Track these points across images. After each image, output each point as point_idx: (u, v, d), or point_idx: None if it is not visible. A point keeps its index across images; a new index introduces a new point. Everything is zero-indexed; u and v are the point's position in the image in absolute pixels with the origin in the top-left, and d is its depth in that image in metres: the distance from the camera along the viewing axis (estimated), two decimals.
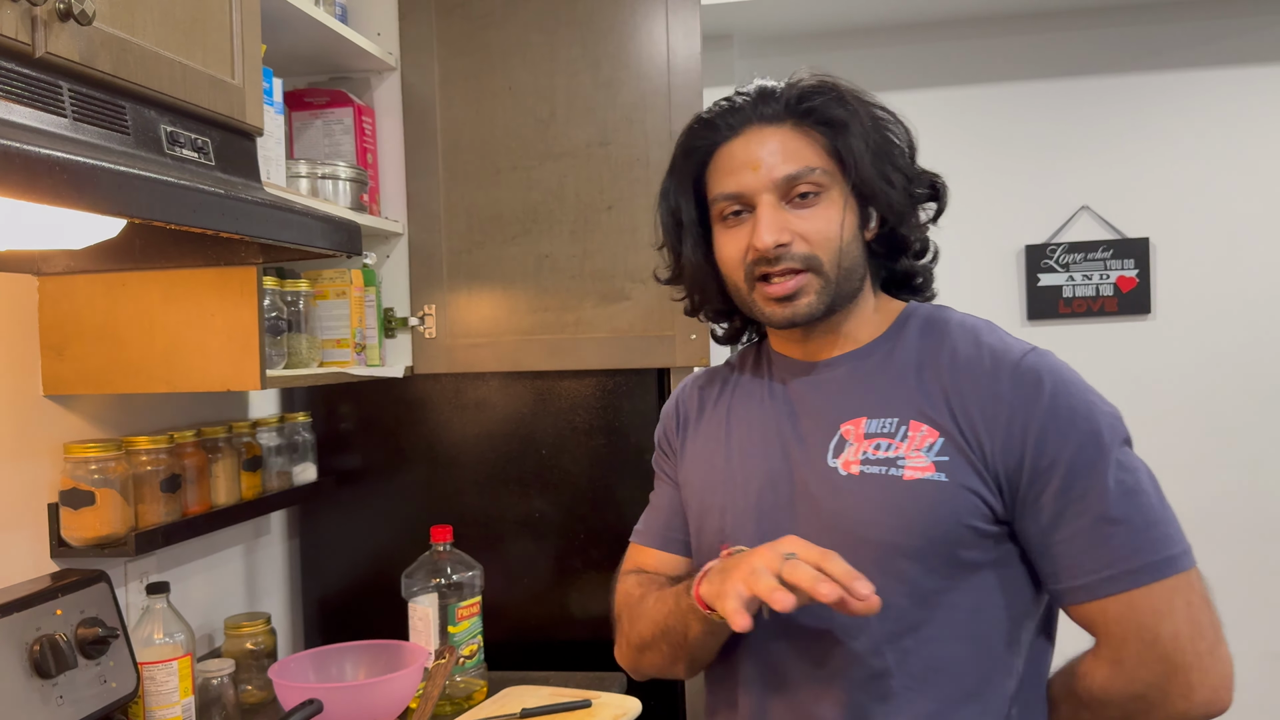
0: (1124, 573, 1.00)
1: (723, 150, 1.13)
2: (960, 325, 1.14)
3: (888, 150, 1.12)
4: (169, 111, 1.15)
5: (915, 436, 1.05)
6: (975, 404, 1.04)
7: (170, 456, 1.63)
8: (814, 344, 1.17)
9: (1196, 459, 2.96)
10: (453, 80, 2.06)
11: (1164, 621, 1.00)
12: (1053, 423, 1.02)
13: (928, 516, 1.03)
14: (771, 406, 1.17)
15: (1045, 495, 1.02)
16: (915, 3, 2.90)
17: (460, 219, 2.06)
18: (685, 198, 1.17)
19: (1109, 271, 2.98)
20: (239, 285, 1.48)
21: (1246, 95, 2.93)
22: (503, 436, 2.08)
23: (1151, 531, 1.01)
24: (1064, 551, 1.02)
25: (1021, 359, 1.06)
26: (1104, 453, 1.02)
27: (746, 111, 1.12)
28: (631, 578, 1.26)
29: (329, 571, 2.15)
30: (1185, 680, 1.00)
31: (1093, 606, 1.02)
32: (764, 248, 1.07)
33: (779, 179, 1.08)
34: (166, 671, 1.56)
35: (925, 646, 1.04)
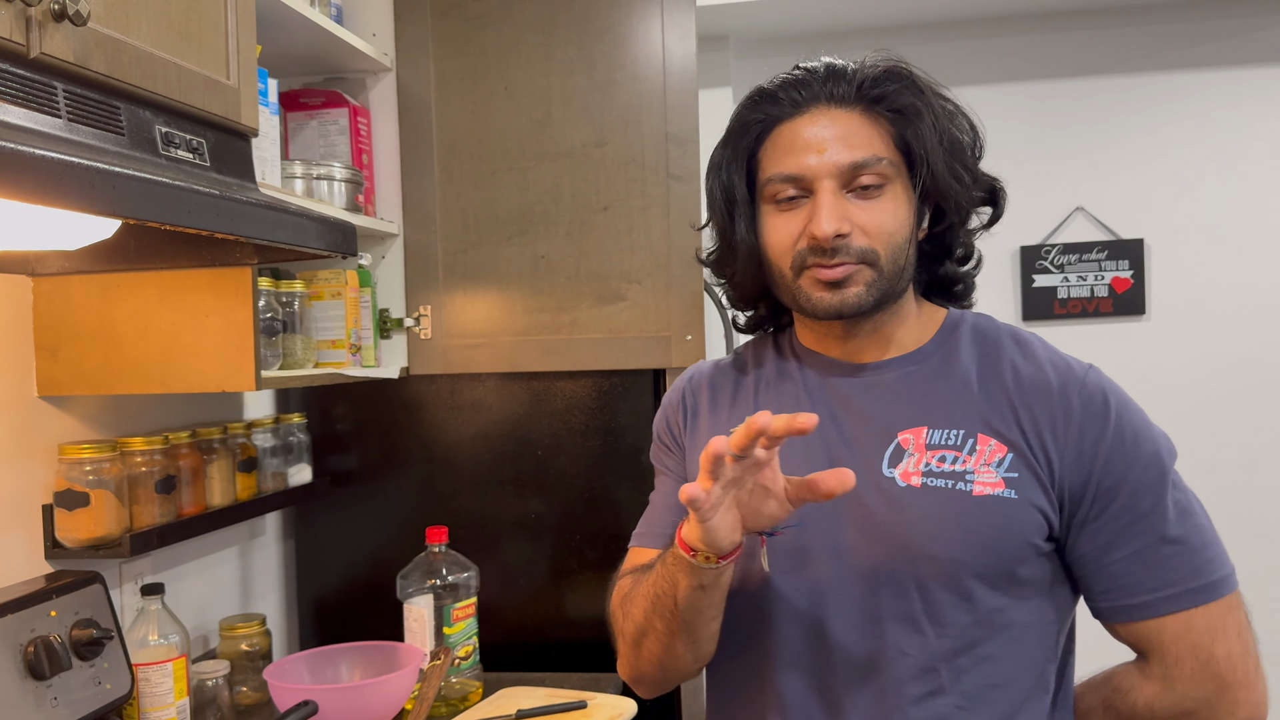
0: (1185, 592, 1.00)
1: (784, 127, 1.06)
2: (1013, 337, 1.10)
3: (958, 146, 1.07)
4: (164, 112, 1.15)
5: (984, 450, 1.02)
6: (1046, 420, 1.02)
7: (165, 457, 1.63)
8: (855, 344, 1.10)
9: (1191, 460, 2.95)
10: (448, 81, 2.06)
11: (1219, 640, 1.00)
12: (1119, 444, 1.01)
13: (997, 534, 1.00)
14: (810, 407, 1.09)
15: (1107, 514, 1.01)
16: (909, 4, 2.90)
17: (456, 220, 2.06)
18: (738, 173, 1.09)
19: (1104, 272, 2.98)
20: (234, 286, 1.47)
21: (1241, 97, 2.94)
22: (498, 437, 2.08)
23: (1208, 551, 1.02)
24: (1122, 570, 1.01)
25: (1086, 376, 1.04)
26: (1164, 474, 1.02)
27: (814, 88, 1.05)
28: (627, 577, 1.18)
29: (324, 573, 2.15)
30: (1234, 698, 1.01)
31: (1150, 624, 1.01)
32: (823, 236, 1.00)
33: (844, 166, 1.02)
34: (161, 673, 1.56)
35: (981, 666, 1.01)
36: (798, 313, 1.12)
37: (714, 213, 1.12)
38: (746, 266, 1.11)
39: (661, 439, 1.24)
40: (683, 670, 1.11)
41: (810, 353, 1.14)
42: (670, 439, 1.23)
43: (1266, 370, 2.94)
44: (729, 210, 1.10)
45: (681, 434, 1.21)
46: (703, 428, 1.18)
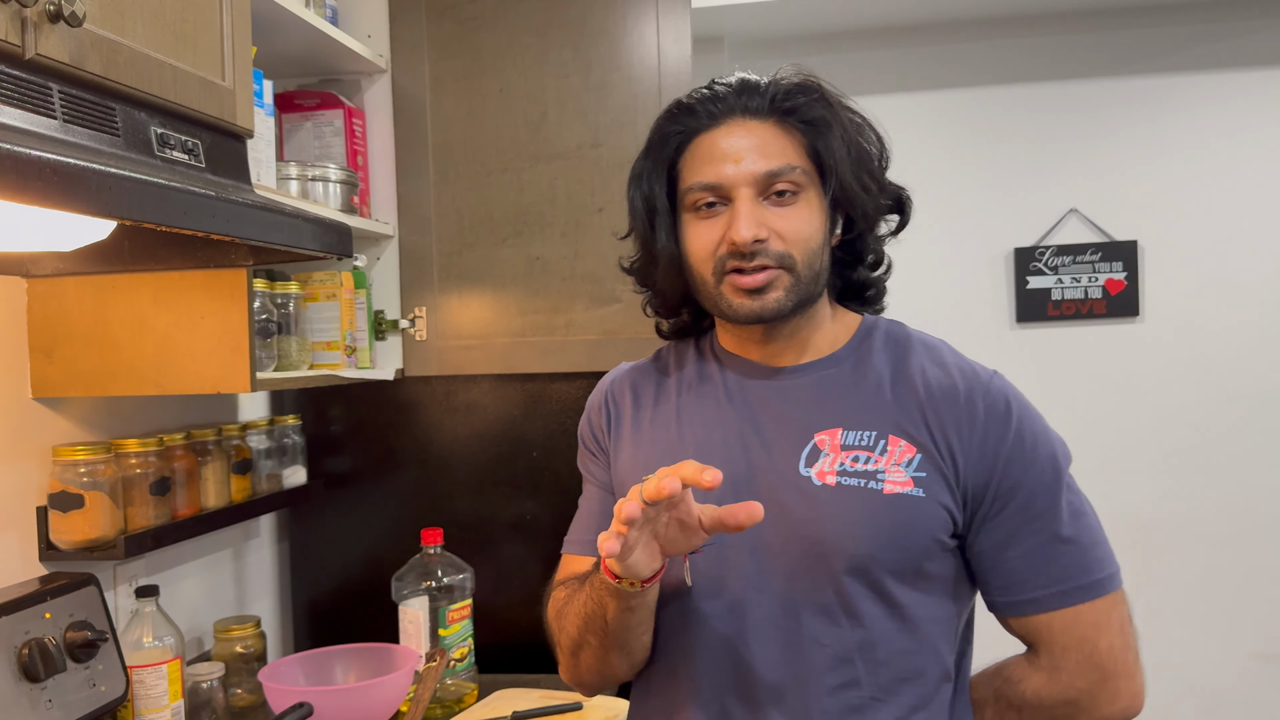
0: (1074, 589, 1.06)
1: (702, 139, 1.10)
2: (923, 343, 1.16)
3: (865, 157, 1.12)
4: (159, 113, 1.15)
5: (894, 451, 1.07)
6: (952, 423, 1.07)
7: (160, 459, 1.62)
8: (774, 348, 1.15)
9: (1184, 461, 2.98)
10: (443, 82, 2.06)
11: (1102, 634, 1.07)
12: (1019, 447, 1.07)
13: (906, 531, 1.05)
14: (730, 409, 1.14)
15: (1005, 513, 1.07)
16: (905, 6, 2.90)
17: (451, 221, 2.06)
18: (659, 183, 1.13)
19: (1097, 274, 2.99)
20: (229, 287, 1.47)
21: (1234, 99, 2.95)
22: (494, 438, 2.08)
23: (1096, 551, 1.08)
24: (1017, 566, 1.07)
25: (990, 383, 1.10)
26: (1059, 477, 1.08)
27: (730, 101, 1.10)
28: (561, 588, 1.22)
29: (319, 574, 2.15)
30: (1114, 688, 1.07)
31: (1039, 619, 1.08)
32: (742, 241, 1.05)
33: (760, 174, 1.07)
34: (156, 675, 1.56)
35: (894, 659, 1.06)
36: (719, 318, 1.17)
37: (636, 222, 1.17)
38: (668, 274, 1.15)
39: (586, 444, 1.28)
40: (620, 676, 1.17)
41: (730, 355, 1.18)
42: (595, 444, 1.26)
43: (1259, 372, 2.95)
44: (650, 220, 1.15)
45: (605, 439, 1.24)
46: (626, 431, 1.21)
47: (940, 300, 3.05)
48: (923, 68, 3.08)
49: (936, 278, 3.06)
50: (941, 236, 3.05)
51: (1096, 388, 3.01)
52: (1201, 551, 2.97)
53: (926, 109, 3.08)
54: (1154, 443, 2.99)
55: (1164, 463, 2.99)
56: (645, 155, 1.16)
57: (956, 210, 3.06)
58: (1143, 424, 2.99)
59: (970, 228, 3.06)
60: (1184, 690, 2.94)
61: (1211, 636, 2.95)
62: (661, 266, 1.15)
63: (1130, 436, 3.00)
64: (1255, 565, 2.95)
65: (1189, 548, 2.97)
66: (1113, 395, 3.00)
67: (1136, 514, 2.97)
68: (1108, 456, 2.99)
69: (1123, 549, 1.13)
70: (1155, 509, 2.98)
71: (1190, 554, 2.97)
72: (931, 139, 3.06)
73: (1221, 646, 2.95)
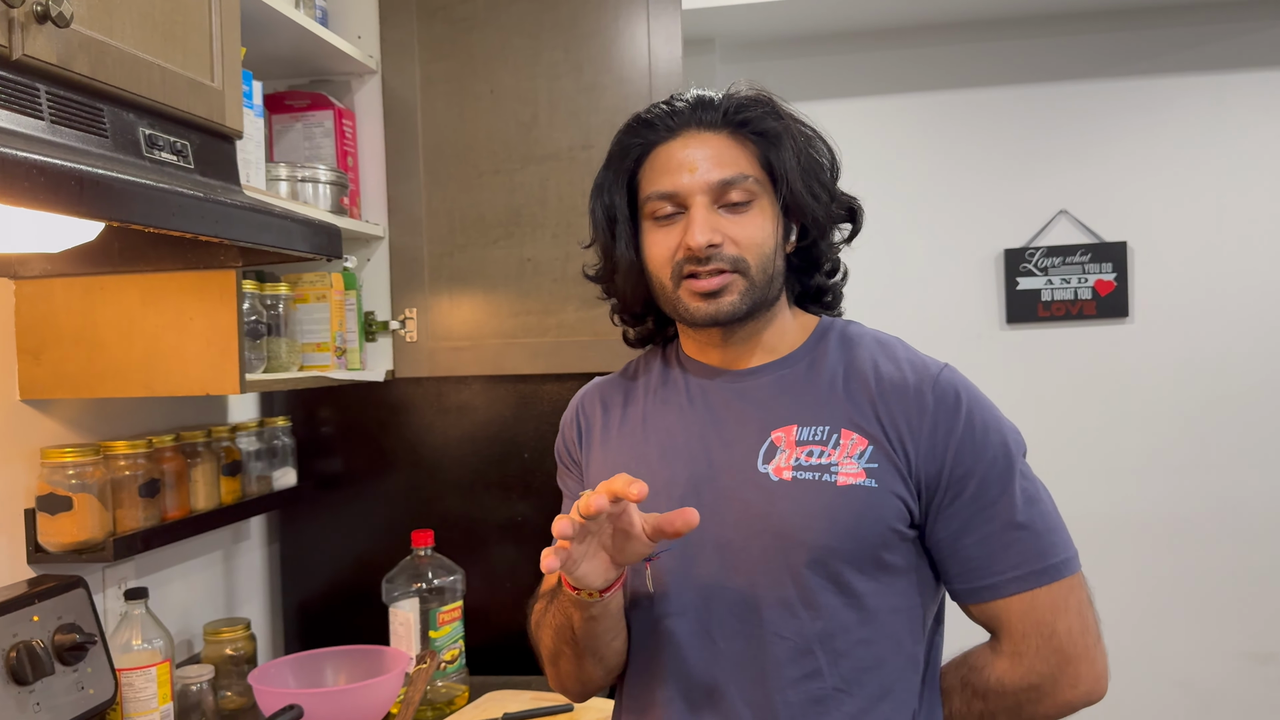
0: (1029, 573, 1.08)
1: (660, 150, 1.15)
2: (877, 340, 1.19)
3: (815, 167, 1.16)
4: (148, 114, 1.14)
5: (846, 444, 1.10)
6: (902, 415, 1.10)
7: (149, 461, 1.62)
8: (733, 350, 1.18)
9: (1173, 461, 2.99)
10: (434, 83, 2.05)
11: (1060, 618, 1.09)
12: (969, 436, 1.09)
13: (859, 520, 1.08)
14: (692, 413, 1.18)
15: (959, 502, 1.09)
16: (895, 9, 2.91)
17: (442, 222, 2.06)
18: (619, 194, 1.18)
19: (1087, 275, 3.00)
20: (218, 289, 1.47)
21: (1223, 101, 2.96)
22: (485, 440, 2.08)
23: (1051, 536, 1.10)
24: (973, 554, 1.10)
25: (940, 374, 1.13)
26: (1011, 465, 1.10)
27: (685, 115, 1.15)
28: (541, 599, 1.27)
29: (309, 576, 2.14)
30: (1075, 671, 1.09)
31: (998, 604, 1.10)
32: (697, 246, 1.09)
33: (714, 183, 1.11)
34: (145, 678, 1.55)
35: (855, 649, 1.08)
36: (679, 322, 1.21)
37: (597, 231, 1.22)
38: (628, 280, 1.20)
39: (562, 460, 1.33)
40: (599, 682, 1.20)
41: (693, 361, 1.22)
42: (570, 460, 1.31)
43: (1248, 372, 2.96)
44: (611, 229, 1.20)
45: (578, 453, 1.29)
46: (596, 441, 1.26)
47: (931, 301, 3.06)
48: (914, 70, 3.09)
49: (927, 279, 3.06)
50: (932, 238, 3.06)
51: (1086, 388, 3.02)
52: (1192, 551, 2.98)
53: (917, 111, 3.09)
54: (1144, 443, 3.00)
55: (1154, 463, 3.00)
56: (606, 167, 1.21)
57: (947, 212, 3.06)
58: (1132, 424, 3.00)
59: (960, 229, 3.06)
60: (1175, 689, 2.95)
61: (1203, 636, 2.96)
62: (622, 273, 1.20)
63: (1120, 437, 3.01)
64: (1246, 565, 2.96)
65: (1179, 547, 2.98)
66: (1102, 396, 3.01)
67: (1126, 514, 2.98)
68: (1097, 456, 3.00)
69: (1111, 550, 1.14)
70: (1145, 509, 2.99)
71: (1181, 554, 2.98)
72: (922, 141, 3.07)
73: (1213, 646, 2.96)
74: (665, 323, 1.27)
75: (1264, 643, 2.95)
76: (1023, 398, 2.94)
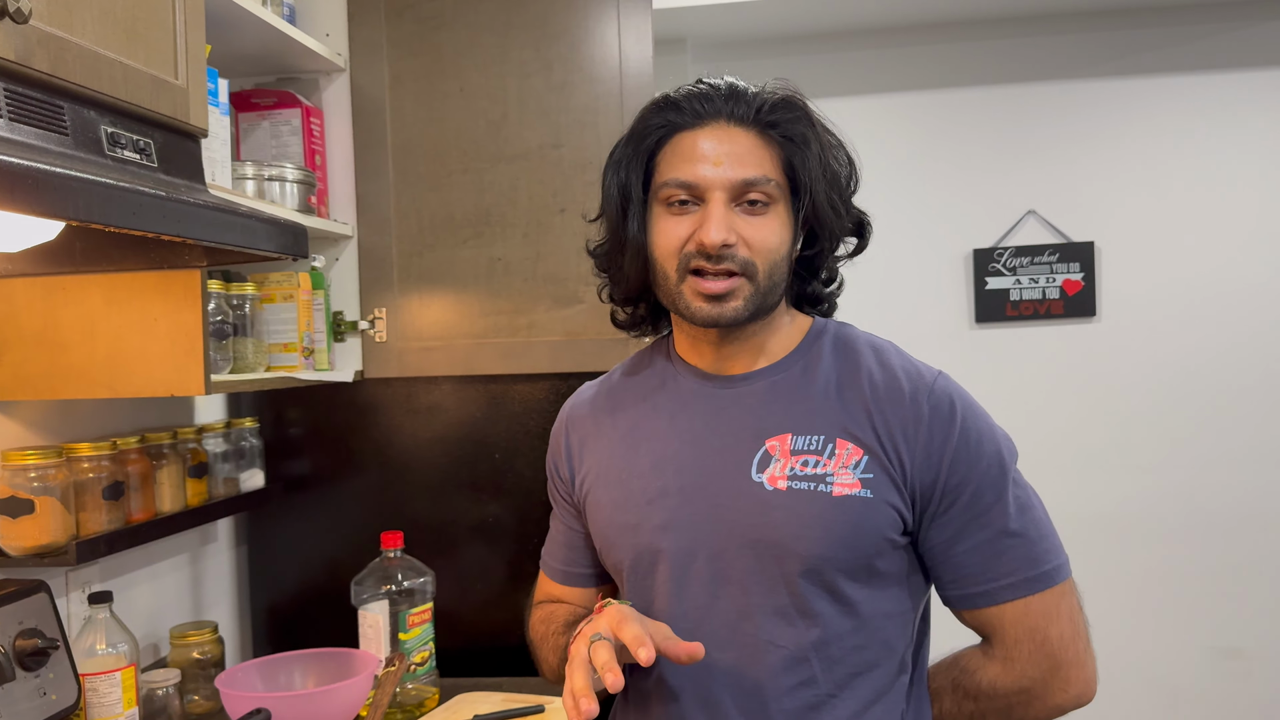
0: (1022, 581, 1.09)
1: (684, 136, 1.12)
2: (870, 345, 1.18)
3: (837, 178, 1.14)
4: (109, 112, 1.13)
5: (842, 454, 1.09)
6: (898, 424, 1.09)
7: (113, 463, 1.60)
8: (727, 353, 1.16)
9: (1140, 458, 3.02)
10: (403, 82, 2.04)
11: (1052, 624, 1.09)
12: (964, 445, 1.09)
13: (855, 531, 1.07)
14: (684, 419, 1.17)
15: (953, 510, 1.09)
16: (866, 10, 2.92)
17: (411, 221, 2.04)
18: (636, 173, 1.15)
19: (1055, 275, 3.03)
20: (182, 289, 1.45)
21: (1190, 102, 3.00)
22: (455, 441, 2.07)
23: (1044, 543, 1.10)
24: (967, 561, 1.10)
25: (935, 383, 1.12)
26: (1005, 473, 1.10)
27: (716, 104, 1.11)
28: (540, 610, 1.27)
29: (278, 579, 2.12)
30: (1066, 676, 1.10)
31: (991, 611, 1.10)
32: (712, 244, 1.06)
33: (736, 181, 1.08)
34: (109, 683, 1.53)
35: (848, 655, 1.08)
36: (676, 315, 1.18)
37: (608, 207, 1.18)
38: (632, 263, 1.16)
39: (550, 474, 1.32)
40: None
41: (685, 363, 1.21)
42: (559, 477, 1.30)
43: (1214, 370, 2.99)
44: (623, 206, 1.16)
45: (564, 467, 1.28)
46: (586, 451, 1.25)
47: (901, 300, 3.08)
48: (883, 70, 3.11)
49: (897, 278, 3.08)
50: (902, 237, 3.07)
51: (1054, 387, 3.05)
52: (1158, 548, 3.02)
53: (887, 111, 3.10)
54: (1111, 441, 3.03)
55: (1121, 460, 3.03)
56: (626, 143, 1.17)
57: (917, 211, 3.08)
58: (1100, 422, 3.03)
59: (930, 229, 3.08)
60: (1142, 684, 2.98)
61: (1169, 631, 3.00)
62: (628, 255, 1.16)
63: (1087, 435, 3.03)
64: (1213, 561, 3.00)
65: (1146, 544, 3.02)
66: (1070, 394, 3.04)
67: (1094, 511, 3.01)
68: (1065, 454, 3.03)
69: (1080, 546, 1.15)
70: (1113, 506, 3.02)
71: (1147, 550, 3.01)
72: (892, 141, 3.08)
73: (1179, 641, 3.00)
74: (659, 312, 1.24)
75: (1231, 638, 2.99)
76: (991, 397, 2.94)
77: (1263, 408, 2.98)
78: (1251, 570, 2.98)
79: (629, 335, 1.29)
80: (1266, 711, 2.97)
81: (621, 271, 1.19)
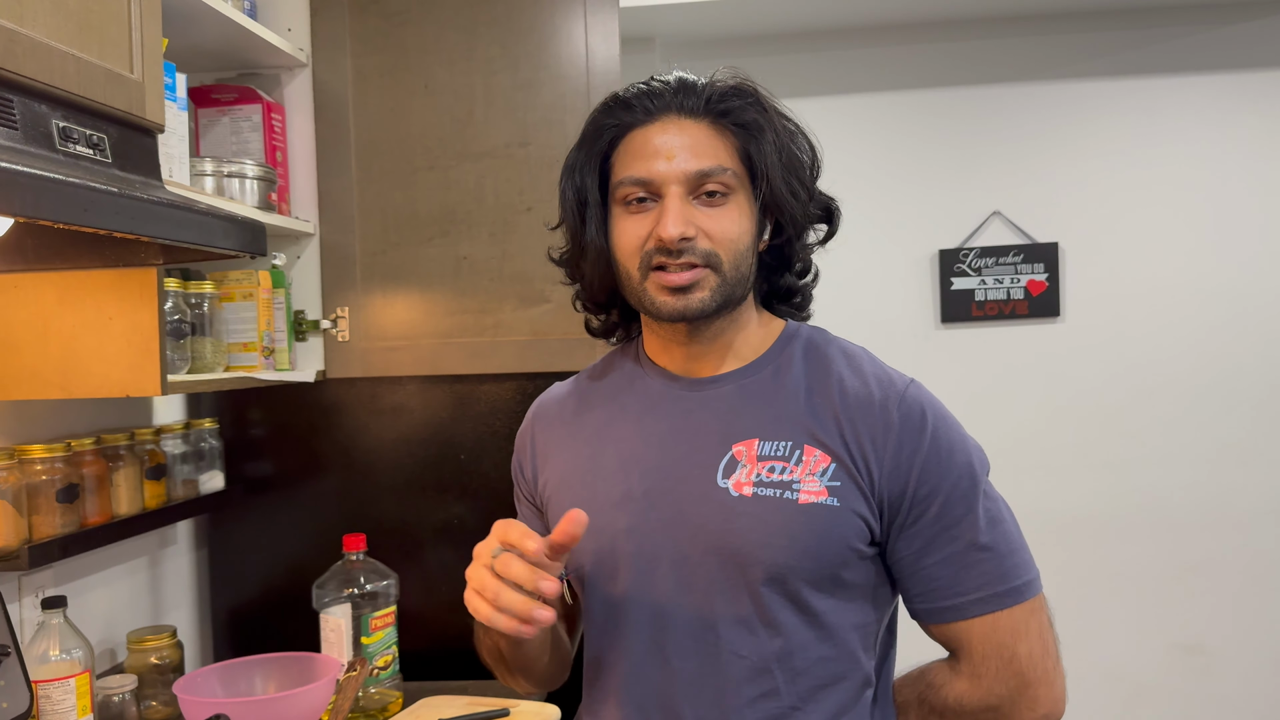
0: (991, 596, 1.06)
1: (636, 134, 1.10)
2: (842, 351, 1.15)
3: (796, 164, 1.12)
4: (61, 106, 1.10)
5: (809, 461, 1.07)
6: (867, 432, 1.07)
7: (67, 465, 1.57)
8: (696, 352, 1.14)
9: (1102, 457, 3.05)
10: (367, 78, 2.02)
11: (1021, 641, 1.07)
12: (934, 455, 1.06)
13: (820, 540, 1.04)
14: (651, 421, 1.14)
15: (922, 521, 1.06)
16: (831, 11, 2.93)
17: (375, 219, 2.02)
18: (591, 176, 1.13)
19: (1019, 276, 3.05)
20: (138, 287, 1.42)
21: (1153, 105, 3.03)
22: (420, 442, 2.04)
23: (1014, 558, 1.08)
24: (935, 574, 1.07)
25: (906, 391, 1.09)
26: (975, 485, 1.08)
27: (666, 98, 1.10)
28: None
29: (238, 582, 2.09)
30: (1034, 694, 1.07)
31: (959, 625, 1.08)
32: (669, 238, 1.05)
33: (691, 173, 1.06)
34: (63, 690, 1.50)
35: (812, 667, 1.06)
36: (644, 314, 1.16)
37: (566, 214, 1.16)
38: (595, 267, 1.15)
39: (514, 474, 1.30)
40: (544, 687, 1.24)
41: (654, 365, 1.18)
42: (522, 476, 1.28)
43: (1175, 371, 3.03)
44: (580, 212, 1.14)
45: (529, 468, 1.26)
46: (552, 450, 1.23)
47: (866, 300, 3.09)
48: (850, 71, 3.11)
49: (863, 279, 3.09)
50: (868, 238, 3.08)
51: (1018, 387, 3.07)
52: (1120, 546, 3.05)
53: (853, 112, 3.11)
54: (1073, 440, 3.06)
55: (1083, 459, 3.06)
56: (579, 147, 1.15)
57: (883, 212, 3.09)
58: (1062, 422, 3.06)
59: (896, 229, 3.09)
60: (1104, 681, 3.01)
61: (1131, 628, 3.03)
62: (590, 259, 1.15)
63: (1050, 434, 3.06)
64: (1172, 559, 3.03)
65: (1108, 542, 3.04)
66: (1034, 394, 3.06)
67: (1056, 510, 3.03)
68: (1028, 454, 3.05)
69: (1043, 545, 1.14)
70: (1075, 505, 3.05)
71: (1109, 548, 3.04)
72: (858, 142, 3.09)
73: (1140, 638, 3.03)
74: (630, 316, 1.22)
75: (1191, 634, 3.02)
76: (956, 396, 2.95)
77: (1223, 407, 3.02)
78: (1212, 567, 3.02)
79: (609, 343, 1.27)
80: (1226, 706, 3.01)
81: (587, 278, 1.17)
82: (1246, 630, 3.01)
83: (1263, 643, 3.01)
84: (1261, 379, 3.01)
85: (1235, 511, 3.02)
